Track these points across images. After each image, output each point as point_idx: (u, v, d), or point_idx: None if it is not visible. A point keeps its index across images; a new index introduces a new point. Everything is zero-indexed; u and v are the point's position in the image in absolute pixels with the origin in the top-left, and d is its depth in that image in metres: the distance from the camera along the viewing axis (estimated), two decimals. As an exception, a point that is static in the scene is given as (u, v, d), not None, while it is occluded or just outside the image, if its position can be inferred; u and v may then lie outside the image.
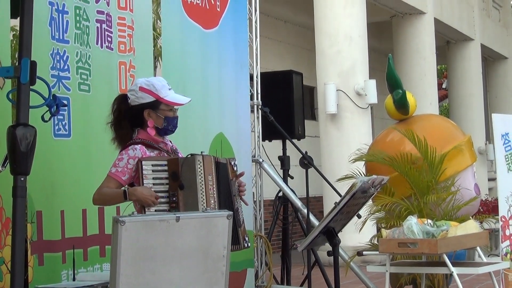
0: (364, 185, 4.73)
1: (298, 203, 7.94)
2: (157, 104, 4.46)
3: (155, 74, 6.61)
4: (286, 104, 8.44)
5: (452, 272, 4.93)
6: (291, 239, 8.21)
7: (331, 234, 4.82)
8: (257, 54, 8.16)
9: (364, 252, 5.88)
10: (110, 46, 5.51)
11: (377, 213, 6.58)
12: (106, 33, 5.47)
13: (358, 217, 6.00)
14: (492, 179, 16.70)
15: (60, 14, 5.07)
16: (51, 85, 4.75)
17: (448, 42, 18.21)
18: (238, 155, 6.70)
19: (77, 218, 5.14)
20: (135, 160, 4.35)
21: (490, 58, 21.01)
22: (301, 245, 4.97)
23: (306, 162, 6.81)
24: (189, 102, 4.59)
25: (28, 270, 4.66)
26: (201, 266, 3.75)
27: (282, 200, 8.04)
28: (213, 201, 4.35)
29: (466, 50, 18.18)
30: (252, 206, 7.61)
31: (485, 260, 5.30)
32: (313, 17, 11.86)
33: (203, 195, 4.32)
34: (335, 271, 4.87)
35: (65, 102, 4.63)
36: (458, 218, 6.12)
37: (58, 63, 5.04)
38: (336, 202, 4.77)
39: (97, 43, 5.39)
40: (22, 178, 3.68)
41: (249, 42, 7.83)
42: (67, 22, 5.13)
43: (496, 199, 10.01)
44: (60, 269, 4.94)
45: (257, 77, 8.16)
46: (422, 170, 6.26)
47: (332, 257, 4.87)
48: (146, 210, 4.26)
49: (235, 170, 4.61)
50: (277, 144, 8.41)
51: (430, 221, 5.18)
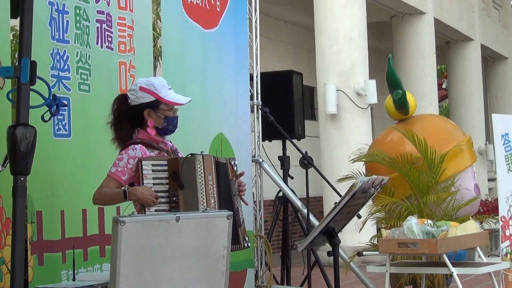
0: (364, 185, 4.73)
1: (298, 203, 7.94)
2: (157, 104, 4.46)
3: (155, 74, 6.61)
4: (286, 104, 8.44)
5: (452, 272, 4.93)
6: (291, 239, 8.21)
7: (331, 234, 4.82)
8: (257, 54, 8.16)
9: (364, 252, 5.88)
10: (110, 46, 5.50)
11: (377, 213, 6.57)
12: (106, 33, 5.47)
13: (358, 217, 6.00)
14: (492, 179, 16.71)
15: (60, 14, 5.07)
16: (51, 85, 4.75)
17: (448, 42, 18.21)
18: (238, 155, 6.70)
19: (77, 218, 5.14)
20: (135, 160, 4.35)
21: (490, 58, 21.01)
22: (301, 245, 4.96)
23: (306, 162, 6.81)
24: (189, 102, 4.59)
25: (28, 270, 4.66)
26: (201, 266, 3.75)
27: (282, 200, 8.04)
28: (213, 201, 4.35)
29: (466, 50, 18.18)
30: (252, 206, 7.61)
31: (485, 260, 5.30)
32: (313, 17, 11.86)
33: (203, 195, 4.32)
34: (335, 271, 4.87)
35: (65, 102, 4.63)
36: (458, 218, 6.11)
37: (58, 63, 5.04)
38: (336, 202, 4.76)
39: (97, 43, 5.39)
40: (22, 178, 3.68)
41: (249, 42, 7.83)
42: (67, 22, 5.13)
43: (496, 199, 10.01)
44: (60, 269, 4.94)
45: (257, 77, 8.16)
46: (422, 170, 6.26)
47: (332, 257, 4.87)
48: (146, 210, 4.26)
49: (235, 170, 4.61)
50: (277, 144, 8.41)
51: (430, 221, 5.18)
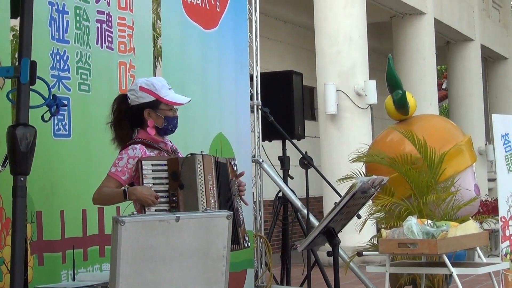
0: (364, 185, 4.73)
1: (298, 204, 7.94)
2: (157, 103, 4.46)
3: (155, 74, 6.61)
4: (286, 104, 8.44)
5: (452, 272, 4.93)
6: (291, 240, 8.21)
7: (331, 234, 4.82)
8: (257, 55, 8.16)
9: (364, 252, 5.89)
10: (110, 46, 5.51)
11: (377, 213, 6.58)
12: (106, 33, 5.47)
13: (358, 217, 5.99)
14: (492, 180, 16.70)
15: (60, 14, 5.07)
16: (51, 85, 4.75)
17: (448, 42, 18.21)
18: (238, 155, 6.70)
19: (77, 218, 5.14)
20: (135, 159, 4.35)
21: (490, 59, 21.01)
22: (301, 245, 4.97)
23: (306, 162, 6.81)
24: (189, 102, 4.59)
25: (28, 270, 4.66)
26: (201, 266, 3.75)
27: (282, 200, 8.04)
28: (213, 200, 4.35)
29: (466, 51, 18.18)
30: (252, 207, 7.61)
31: (485, 260, 5.30)
32: (313, 17, 11.86)
33: (203, 195, 4.32)
34: (335, 272, 4.87)
35: (65, 102, 4.63)
36: (458, 218, 6.11)
37: (58, 63, 5.04)
38: (336, 203, 4.76)
39: (97, 43, 5.39)
40: (22, 178, 3.68)
41: (249, 42, 7.83)
42: (67, 22, 5.13)
43: (496, 200, 10.01)
44: (60, 269, 4.94)
45: (257, 77, 8.16)
46: (421, 170, 6.26)
47: (332, 257, 4.87)
48: (146, 209, 4.26)
49: (235, 170, 4.61)
50: (277, 144, 8.41)
51: (430, 221, 5.18)
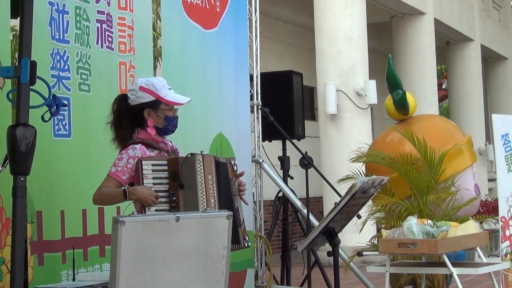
0: (364, 185, 4.73)
1: (298, 204, 7.94)
2: (157, 103, 4.46)
3: (155, 74, 6.61)
4: (286, 104, 8.44)
5: (452, 272, 4.93)
6: (291, 240, 8.21)
7: (331, 235, 4.82)
8: (257, 55, 8.16)
9: (364, 252, 5.89)
10: (110, 46, 5.50)
11: (377, 213, 6.58)
12: (107, 33, 5.47)
13: (358, 217, 6.00)
14: (492, 180, 16.70)
15: (60, 14, 5.07)
16: (51, 85, 4.75)
17: (448, 42, 18.21)
18: (238, 156, 6.70)
19: (77, 218, 5.14)
20: (135, 159, 4.35)
21: (490, 59, 21.01)
22: (301, 245, 4.96)
23: (306, 162, 6.81)
24: (189, 102, 4.60)
25: (28, 270, 4.66)
26: (201, 266, 3.75)
27: (282, 200, 8.04)
28: (213, 200, 4.35)
29: (466, 51, 18.18)
30: (252, 207, 7.61)
31: (485, 260, 5.30)
32: (313, 17, 11.86)
33: (203, 195, 4.32)
34: (335, 272, 4.87)
35: (65, 102, 4.63)
36: (458, 218, 6.11)
37: (58, 63, 5.04)
38: (336, 203, 4.76)
39: (97, 43, 5.39)
40: (22, 178, 3.68)
41: (249, 42, 7.83)
42: (67, 22, 5.13)
43: (496, 200, 10.00)
44: (60, 269, 4.94)
45: (257, 77, 8.16)
46: (421, 170, 6.26)
47: (332, 257, 4.87)
48: (146, 209, 4.26)
49: (235, 169, 4.61)
50: (277, 144, 8.41)
51: (430, 221, 5.18)
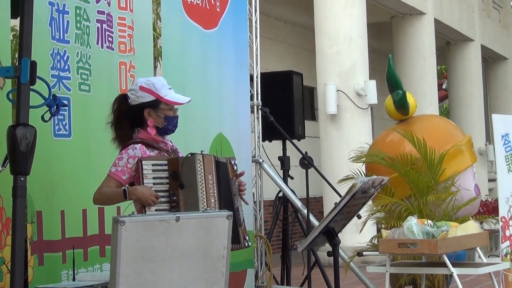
0: (364, 185, 4.73)
1: (298, 204, 7.93)
2: (157, 103, 4.46)
3: (155, 74, 6.61)
4: (286, 104, 8.44)
5: (452, 272, 4.93)
6: (291, 240, 8.21)
7: (331, 235, 4.82)
8: (257, 55, 8.16)
9: (364, 252, 5.89)
10: (110, 46, 5.51)
11: (377, 213, 6.58)
12: (107, 33, 5.47)
13: (358, 217, 6.00)
14: (492, 180, 16.70)
15: (60, 14, 5.07)
16: (51, 85, 4.75)
17: (448, 42, 18.21)
18: (238, 156, 6.70)
19: (77, 218, 5.14)
20: (135, 159, 4.35)
21: (490, 59, 21.01)
22: (301, 245, 4.96)
23: (306, 162, 6.80)
24: (189, 102, 4.60)
25: (28, 270, 4.66)
26: (201, 266, 3.75)
27: (282, 200, 8.03)
28: (213, 200, 4.35)
29: (466, 51, 18.18)
30: (252, 207, 7.61)
31: (485, 260, 5.30)
32: (313, 17, 11.86)
33: (204, 195, 4.32)
34: (335, 272, 4.87)
35: (65, 102, 4.63)
36: (458, 218, 6.12)
37: (59, 63, 5.04)
38: (336, 203, 4.76)
39: (97, 43, 5.39)
40: (22, 178, 3.68)
41: (249, 42, 7.83)
42: (68, 22, 5.13)
43: (496, 200, 10.00)
44: (60, 269, 4.94)
45: (257, 77, 8.16)
46: (421, 170, 6.26)
47: (332, 257, 4.87)
48: (147, 209, 4.26)
49: (235, 169, 4.61)
50: (277, 144, 8.41)
51: (430, 221, 5.18)
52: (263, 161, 8.14)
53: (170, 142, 4.62)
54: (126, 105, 4.51)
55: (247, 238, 4.57)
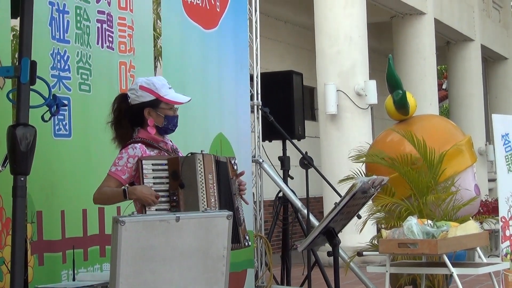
0: (364, 185, 4.73)
1: (298, 204, 7.93)
2: (157, 102, 4.46)
3: (155, 74, 6.60)
4: (286, 104, 8.44)
5: (452, 272, 4.93)
6: (291, 240, 8.21)
7: (331, 235, 4.82)
8: (257, 55, 8.16)
9: (364, 252, 5.88)
10: (110, 46, 5.51)
11: (377, 213, 6.58)
12: (107, 33, 5.47)
13: (358, 217, 6.00)
14: (492, 180, 16.70)
15: (60, 14, 5.07)
16: (52, 85, 4.75)
17: (448, 42, 18.21)
18: (238, 156, 6.69)
19: (77, 218, 5.13)
20: (135, 159, 4.35)
21: (490, 59, 21.01)
22: (301, 245, 4.96)
23: (306, 162, 6.81)
24: (189, 102, 4.60)
25: (28, 270, 4.66)
26: (201, 266, 3.75)
27: (282, 200, 8.03)
28: (213, 200, 4.35)
29: (466, 51, 18.18)
30: (252, 207, 7.61)
31: (485, 260, 5.30)
32: (313, 17, 11.86)
33: (204, 194, 4.32)
34: (335, 272, 4.87)
35: (65, 102, 4.63)
36: (458, 218, 6.12)
37: (59, 63, 5.04)
38: (336, 203, 4.76)
39: (97, 43, 5.39)
40: (22, 178, 3.68)
41: (249, 42, 7.83)
42: (68, 22, 5.13)
43: (496, 200, 10.00)
44: (60, 269, 4.94)
45: (257, 77, 8.16)
46: (421, 170, 6.26)
47: (332, 257, 4.87)
48: (147, 209, 4.26)
49: (235, 169, 4.62)
50: (277, 144, 8.40)
51: (430, 221, 5.18)
52: (263, 161, 8.14)
53: (170, 141, 4.62)
54: (126, 104, 4.51)
55: (247, 237, 4.57)
